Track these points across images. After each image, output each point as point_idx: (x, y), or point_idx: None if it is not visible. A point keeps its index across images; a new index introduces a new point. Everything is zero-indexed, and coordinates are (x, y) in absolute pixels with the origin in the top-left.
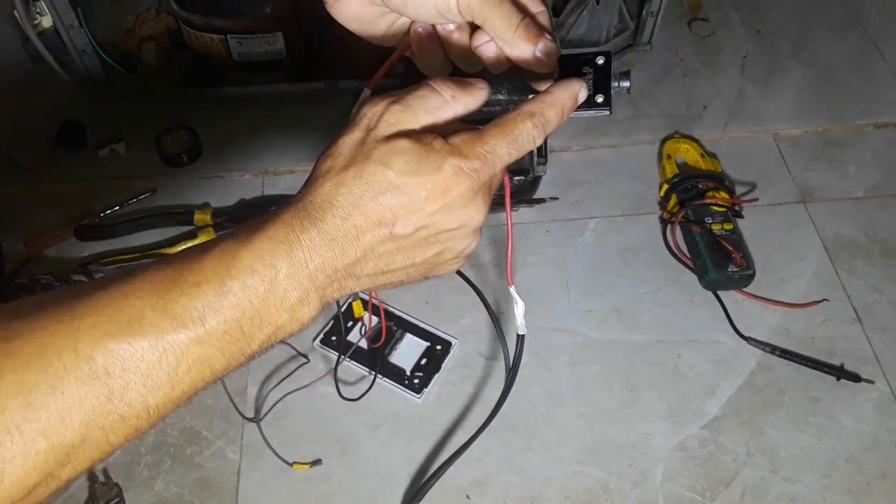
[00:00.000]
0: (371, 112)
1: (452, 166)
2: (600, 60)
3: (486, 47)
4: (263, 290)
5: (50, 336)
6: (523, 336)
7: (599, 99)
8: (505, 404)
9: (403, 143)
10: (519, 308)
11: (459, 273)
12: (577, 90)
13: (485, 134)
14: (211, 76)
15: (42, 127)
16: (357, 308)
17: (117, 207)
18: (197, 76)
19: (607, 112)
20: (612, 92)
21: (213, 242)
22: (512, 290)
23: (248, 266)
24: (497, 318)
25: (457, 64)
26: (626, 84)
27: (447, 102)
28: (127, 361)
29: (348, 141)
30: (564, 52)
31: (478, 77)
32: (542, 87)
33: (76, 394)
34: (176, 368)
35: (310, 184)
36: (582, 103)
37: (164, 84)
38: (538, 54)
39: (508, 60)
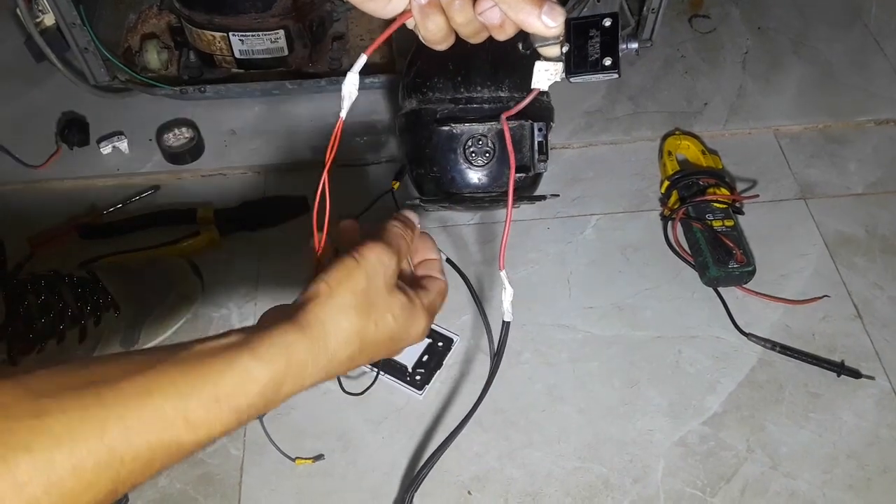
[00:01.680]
0: (382, 260)
1: (423, 327)
2: (607, 22)
3: (490, 13)
4: (262, 406)
5: (80, 422)
6: (508, 323)
7: (607, 62)
8: (506, 400)
9: (401, 298)
10: (507, 294)
11: (450, 262)
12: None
13: (437, 300)
14: (213, 73)
15: (45, 124)
16: None
17: (120, 205)
18: (199, 73)
19: (615, 75)
20: (620, 54)
21: (234, 354)
22: (502, 274)
23: (261, 391)
24: (481, 304)
25: (459, 33)
26: (633, 45)
27: (409, 245)
28: (140, 453)
29: (365, 285)
30: (570, 15)
31: (479, 60)
32: (550, 52)
33: (91, 479)
34: (170, 460)
35: (327, 311)
36: (590, 66)
37: (166, 81)
38: (544, 17)
39: (514, 27)
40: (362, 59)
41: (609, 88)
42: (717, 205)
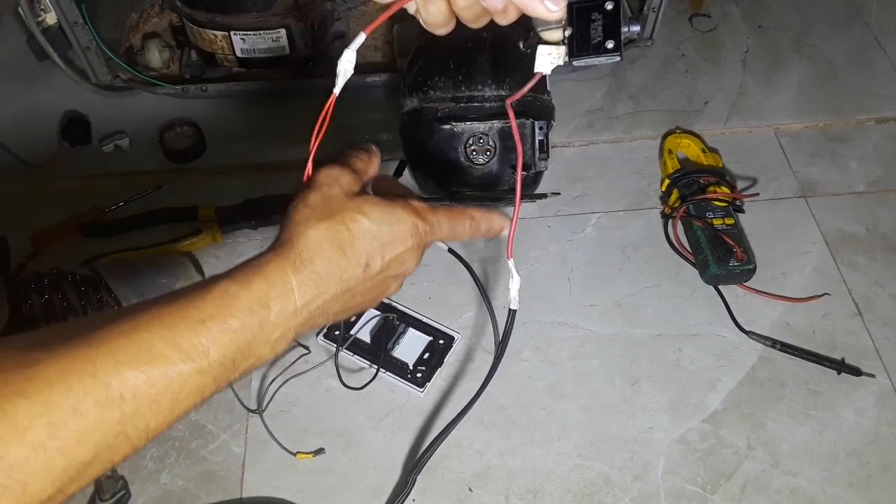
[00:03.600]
0: (331, 173)
1: (412, 223)
2: (609, 6)
3: None
4: (257, 326)
5: (70, 362)
6: (515, 311)
7: (610, 45)
8: (507, 398)
9: (372, 198)
10: (514, 283)
11: (453, 252)
12: (503, 228)
13: (437, 209)
14: (214, 72)
15: (47, 123)
16: None
17: (122, 203)
18: (200, 72)
19: (617, 58)
20: (623, 37)
21: (211, 282)
22: (510, 263)
23: (246, 306)
24: (485, 292)
25: (461, 17)
26: (636, 28)
27: (369, 164)
28: (139, 388)
29: (319, 196)
30: None
31: (480, 58)
32: (552, 37)
33: (94, 416)
34: (178, 395)
35: (292, 230)
36: (593, 49)
37: (168, 80)
38: (547, 1)
39: (516, 11)
40: (361, 37)
41: (610, 87)
42: (718, 203)
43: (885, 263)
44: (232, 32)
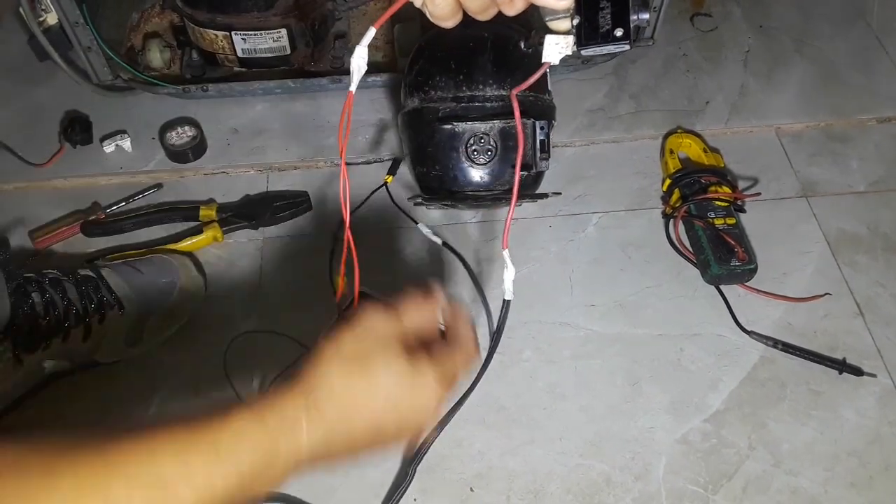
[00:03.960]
0: (373, 318)
1: (438, 397)
2: None
3: None
4: (262, 467)
5: (89, 478)
6: (509, 301)
7: (619, 33)
8: (507, 398)
9: (403, 363)
10: (509, 272)
11: (447, 246)
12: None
13: (454, 356)
14: (215, 72)
15: (48, 123)
16: None
17: (123, 203)
18: (201, 72)
19: (627, 46)
20: (631, 24)
21: (229, 410)
22: (505, 253)
23: (259, 444)
24: (479, 284)
25: (467, 9)
26: (644, 16)
27: (420, 313)
28: None
29: (352, 338)
30: None
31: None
32: (560, 26)
33: None
34: None
35: (315, 368)
36: (601, 38)
37: (168, 80)
38: None
39: (524, 0)
40: (371, 32)
41: (611, 87)
42: (719, 203)
43: (886, 263)
44: (233, 32)
